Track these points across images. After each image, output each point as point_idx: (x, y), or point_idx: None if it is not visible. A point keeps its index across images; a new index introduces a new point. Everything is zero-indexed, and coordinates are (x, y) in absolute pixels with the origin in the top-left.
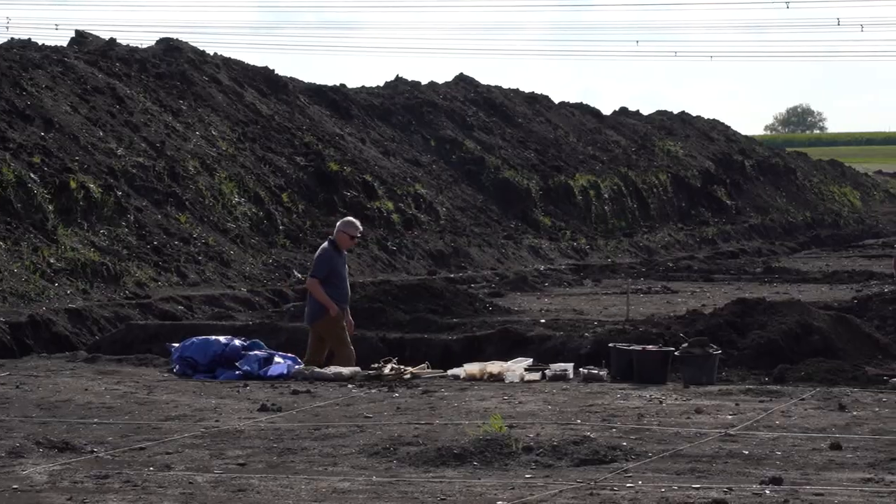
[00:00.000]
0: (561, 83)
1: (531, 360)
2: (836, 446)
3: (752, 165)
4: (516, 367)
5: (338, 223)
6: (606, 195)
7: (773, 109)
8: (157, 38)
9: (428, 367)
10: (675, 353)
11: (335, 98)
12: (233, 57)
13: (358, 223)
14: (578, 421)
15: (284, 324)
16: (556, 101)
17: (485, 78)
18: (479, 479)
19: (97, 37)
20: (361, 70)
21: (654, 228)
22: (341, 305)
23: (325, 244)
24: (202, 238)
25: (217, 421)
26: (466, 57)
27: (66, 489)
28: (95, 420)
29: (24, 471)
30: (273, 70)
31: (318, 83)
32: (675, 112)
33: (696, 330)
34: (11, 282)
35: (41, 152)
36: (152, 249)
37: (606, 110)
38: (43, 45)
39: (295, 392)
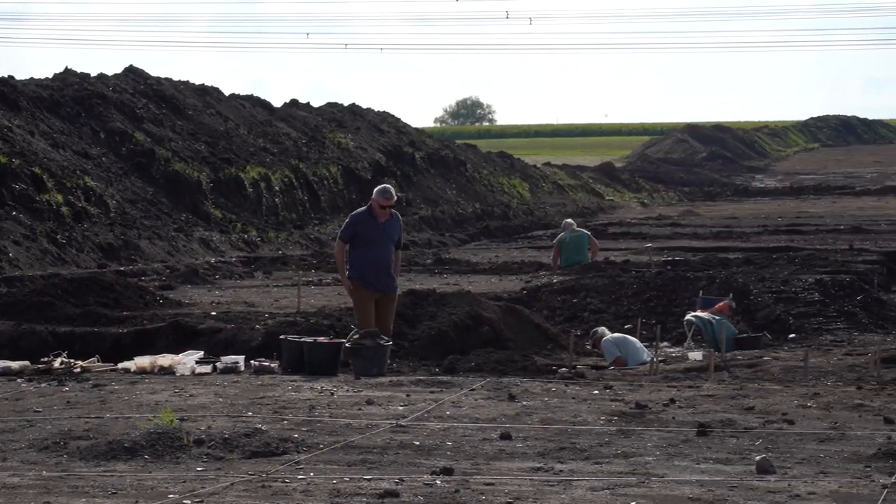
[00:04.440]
0: (231, 75)
1: (202, 352)
2: (506, 436)
3: (422, 157)
4: (187, 360)
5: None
6: (277, 187)
7: (443, 102)
8: None
9: (98, 361)
10: (347, 345)
11: (2, 90)
12: None
13: (392, 190)
14: (250, 413)
15: None
16: (227, 93)
17: (155, 70)
18: (151, 472)
19: None
20: (29, 61)
21: (325, 220)
22: (365, 275)
23: (361, 208)
24: None
25: None
26: (136, 49)
27: None
28: None
29: None
30: None
31: None
32: (346, 104)
33: None
34: None
35: None
36: None
37: (277, 102)
38: None
39: None
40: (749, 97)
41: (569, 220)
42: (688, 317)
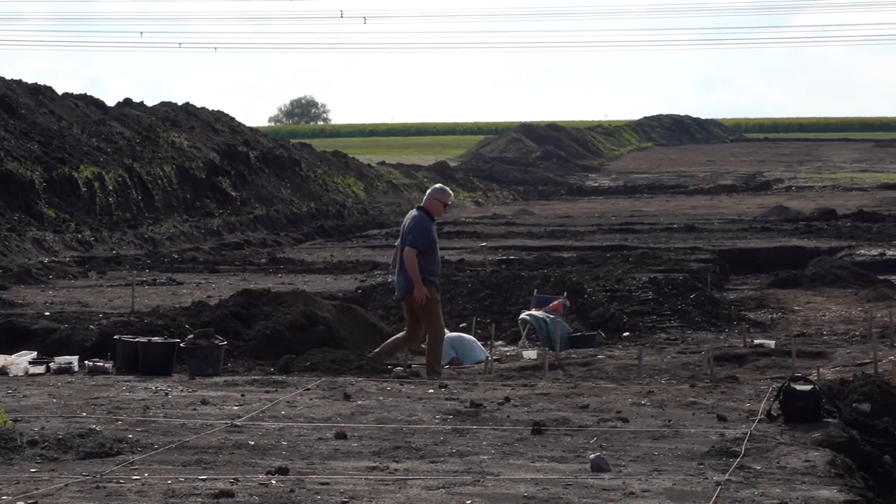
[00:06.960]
0: (64, 74)
1: (36, 353)
2: (341, 436)
3: (256, 157)
4: (20, 361)
5: (429, 190)
6: (111, 187)
7: (278, 101)
8: None
9: None
10: (181, 345)
11: None
12: None
13: (450, 190)
14: (84, 414)
15: None
16: (60, 92)
17: None
18: None
19: None
20: None
21: (160, 220)
22: (434, 279)
23: (418, 213)
24: None
25: None
26: None
27: None
28: None
29: None
30: None
31: None
32: (180, 103)
33: (201, 321)
34: None
35: None
36: None
37: (111, 101)
38: None
39: None
40: (583, 96)
41: None
42: (522, 315)
